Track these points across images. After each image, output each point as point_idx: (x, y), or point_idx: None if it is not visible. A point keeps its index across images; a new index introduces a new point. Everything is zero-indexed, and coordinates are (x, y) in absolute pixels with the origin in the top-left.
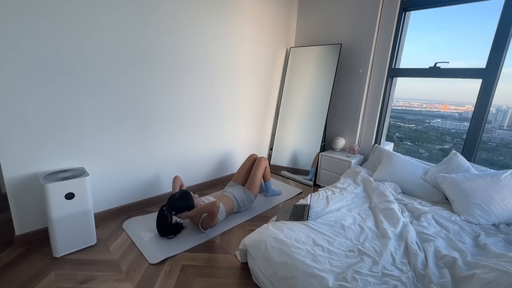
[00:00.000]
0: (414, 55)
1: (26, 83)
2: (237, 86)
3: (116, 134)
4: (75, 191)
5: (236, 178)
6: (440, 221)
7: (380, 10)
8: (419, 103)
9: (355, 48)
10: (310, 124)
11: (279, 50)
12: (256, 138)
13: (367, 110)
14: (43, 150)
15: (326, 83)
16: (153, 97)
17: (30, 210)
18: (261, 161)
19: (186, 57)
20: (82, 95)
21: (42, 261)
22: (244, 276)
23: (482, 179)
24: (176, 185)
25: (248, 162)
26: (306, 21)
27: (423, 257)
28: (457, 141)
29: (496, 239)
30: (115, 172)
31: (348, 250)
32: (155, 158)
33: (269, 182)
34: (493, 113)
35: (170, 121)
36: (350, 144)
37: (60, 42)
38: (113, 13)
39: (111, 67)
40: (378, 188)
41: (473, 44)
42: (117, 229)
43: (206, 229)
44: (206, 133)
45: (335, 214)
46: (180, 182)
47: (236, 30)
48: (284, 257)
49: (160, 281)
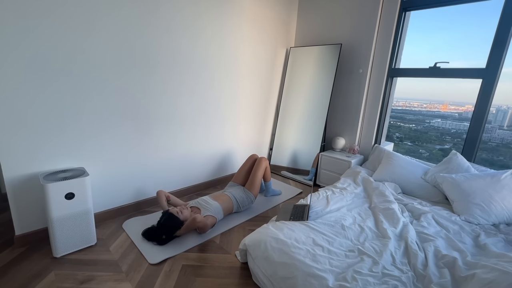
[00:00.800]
0: (414, 55)
1: (26, 83)
2: (237, 86)
3: (117, 134)
4: (75, 191)
5: (236, 178)
6: (440, 221)
7: (380, 10)
8: (419, 103)
9: (355, 48)
10: (310, 124)
11: (279, 50)
12: (256, 138)
13: (367, 110)
14: (43, 150)
15: (326, 83)
16: (153, 97)
17: (30, 210)
18: (261, 162)
19: (186, 57)
20: (82, 95)
21: (42, 261)
22: (244, 276)
23: (482, 179)
24: (162, 200)
25: (249, 163)
26: (306, 21)
27: (423, 257)
28: (457, 141)
29: (496, 239)
30: (115, 172)
31: (348, 250)
32: (155, 158)
33: (269, 182)
34: (493, 113)
35: (170, 121)
36: (350, 144)
37: (60, 42)
38: (114, 13)
39: (111, 67)
40: (378, 188)
41: (473, 44)
42: (117, 229)
43: (204, 233)
44: (206, 133)
45: (335, 214)
46: (165, 195)
47: (236, 30)
48: (284, 257)
49: (160, 281)
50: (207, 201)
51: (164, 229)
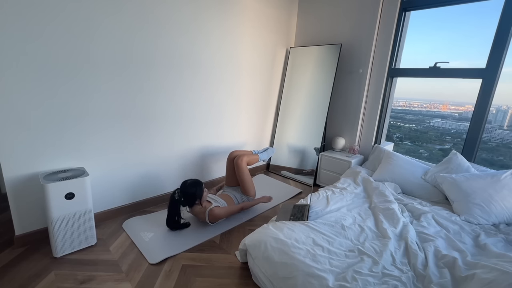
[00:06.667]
0: (414, 55)
1: (26, 84)
2: (237, 86)
3: (117, 134)
4: (75, 191)
5: (228, 182)
6: (440, 221)
7: (380, 10)
8: (419, 103)
9: (355, 48)
10: (310, 124)
11: (279, 50)
12: (256, 138)
13: (367, 110)
14: (43, 150)
15: (326, 83)
16: (153, 97)
17: (30, 210)
18: (239, 165)
19: (186, 57)
20: (82, 96)
21: (42, 261)
22: (244, 276)
23: (482, 179)
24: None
25: (230, 165)
26: (306, 21)
27: (423, 257)
28: (457, 141)
29: (496, 239)
30: (115, 172)
31: (348, 250)
32: (155, 158)
33: (260, 157)
34: (493, 113)
35: (170, 121)
36: (350, 144)
37: (60, 43)
38: (113, 16)
39: (111, 67)
40: (378, 188)
41: (473, 44)
42: (117, 229)
43: (213, 223)
44: (206, 133)
45: (335, 214)
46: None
47: (236, 29)
48: (284, 257)
49: (160, 281)
50: (212, 198)
51: (186, 188)
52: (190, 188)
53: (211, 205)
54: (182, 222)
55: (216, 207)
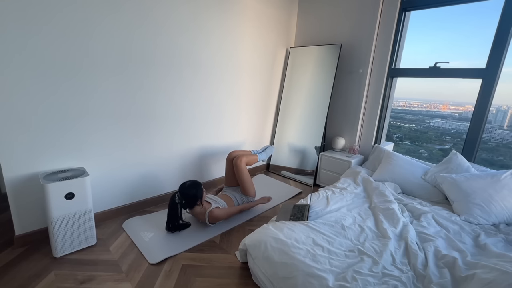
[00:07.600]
0: (414, 55)
1: (26, 84)
2: (237, 86)
3: (116, 134)
4: (75, 191)
5: (228, 182)
6: (440, 221)
7: (380, 10)
8: (419, 103)
9: (355, 48)
10: (310, 124)
11: (279, 50)
12: (256, 138)
13: (367, 110)
14: (43, 150)
15: (326, 83)
16: (153, 96)
17: (30, 210)
18: (238, 165)
19: (185, 56)
20: (82, 95)
21: (42, 261)
22: (244, 276)
23: (482, 179)
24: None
25: (230, 166)
26: (306, 21)
27: (423, 257)
28: (457, 141)
29: (496, 239)
30: (115, 172)
31: (348, 250)
32: (155, 158)
33: (259, 158)
34: (493, 113)
35: (170, 121)
36: (350, 144)
37: (59, 43)
38: (112, 15)
39: (110, 66)
40: (378, 188)
41: (473, 44)
42: (117, 229)
43: (212, 224)
44: (206, 133)
45: (335, 214)
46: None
47: (236, 29)
48: (284, 257)
49: (160, 281)
50: (210, 199)
51: (185, 190)
52: (190, 190)
53: (210, 206)
54: (182, 223)
55: (216, 208)
